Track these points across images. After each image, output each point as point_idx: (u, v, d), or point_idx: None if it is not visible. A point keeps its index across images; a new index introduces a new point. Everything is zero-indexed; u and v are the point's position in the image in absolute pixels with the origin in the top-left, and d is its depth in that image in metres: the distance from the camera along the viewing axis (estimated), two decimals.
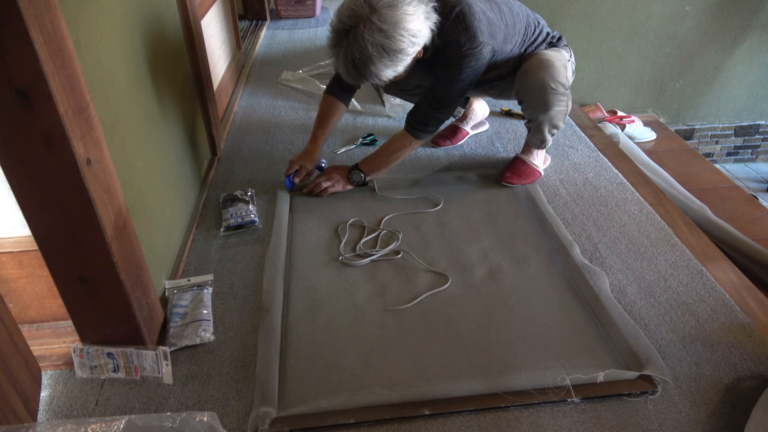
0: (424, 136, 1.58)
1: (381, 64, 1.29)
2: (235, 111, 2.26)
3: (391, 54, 1.28)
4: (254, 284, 1.34)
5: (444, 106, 1.52)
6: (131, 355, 1.09)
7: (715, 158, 3.55)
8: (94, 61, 1.00)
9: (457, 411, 1.02)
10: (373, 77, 1.32)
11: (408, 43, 1.28)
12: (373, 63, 1.28)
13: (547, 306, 1.26)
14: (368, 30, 1.24)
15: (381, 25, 1.24)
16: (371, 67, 1.29)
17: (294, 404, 1.03)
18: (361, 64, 1.29)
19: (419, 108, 1.55)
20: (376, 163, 1.65)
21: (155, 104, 1.34)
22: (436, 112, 1.53)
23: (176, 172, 1.48)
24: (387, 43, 1.26)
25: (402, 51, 1.29)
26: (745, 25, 3.04)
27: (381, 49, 1.26)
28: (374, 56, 1.27)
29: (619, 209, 1.62)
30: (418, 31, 1.29)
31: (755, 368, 1.11)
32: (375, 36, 1.24)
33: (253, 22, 3.42)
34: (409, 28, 1.27)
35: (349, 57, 1.28)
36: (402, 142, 1.60)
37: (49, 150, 0.85)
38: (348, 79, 1.36)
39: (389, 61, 1.29)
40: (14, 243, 1.10)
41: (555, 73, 1.49)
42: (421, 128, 1.56)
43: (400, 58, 1.30)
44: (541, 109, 1.55)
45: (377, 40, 1.25)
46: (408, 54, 1.31)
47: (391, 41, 1.26)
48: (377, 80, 1.34)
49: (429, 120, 1.54)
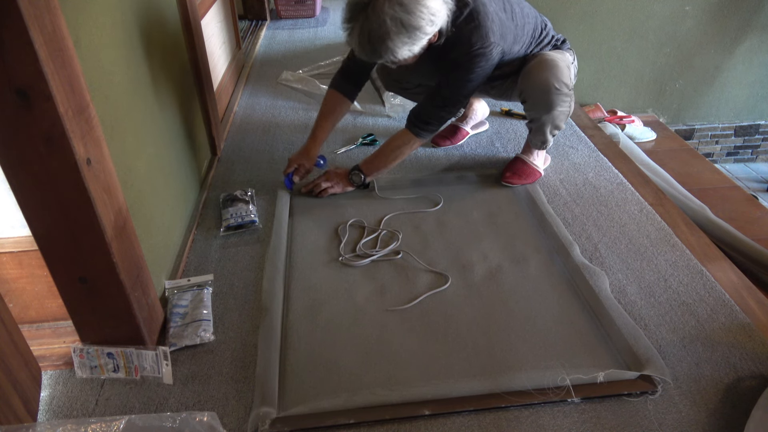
0: (425, 135, 1.57)
1: (398, 40, 1.26)
2: (235, 111, 2.26)
3: (410, 30, 1.25)
4: (254, 284, 1.34)
5: (449, 105, 1.51)
6: (131, 355, 1.09)
7: (715, 158, 3.55)
8: (94, 61, 1.00)
9: (457, 411, 1.02)
10: (389, 54, 1.28)
11: (427, 21, 1.26)
12: (390, 38, 1.25)
13: (547, 306, 1.26)
14: (388, 3, 1.21)
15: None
16: (388, 42, 1.25)
17: (294, 404, 1.03)
18: (378, 39, 1.25)
19: (423, 106, 1.54)
20: (376, 163, 1.64)
21: (155, 104, 1.34)
22: (440, 111, 1.52)
23: (176, 172, 1.48)
24: (406, 18, 1.23)
25: (420, 28, 1.26)
26: (745, 25, 3.04)
27: (400, 24, 1.23)
28: (392, 31, 1.23)
29: (619, 209, 1.62)
30: (437, 11, 1.27)
31: (755, 368, 1.11)
32: (395, 9, 1.22)
33: (253, 22, 3.42)
34: (429, 5, 1.24)
35: (365, 31, 1.25)
36: (402, 140, 1.59)
37: (49, 150, 0.85)
38: (362, 55, 1.32)
39: (406, 38, 1.26)
40: (14, 243, 1.10)
41: (559, 73, 1.49)
42: (423, 127, 1.54)
43: (417, 35, 1.27)
44: (545, 109, 1.54)
45: (397, 14, 1.22)
46: (426, 33, 1.28)
47: (411, 16, 1.23)
48: (392, 57, 1.30)
49: (432, 119, 1.53)
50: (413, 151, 1.65)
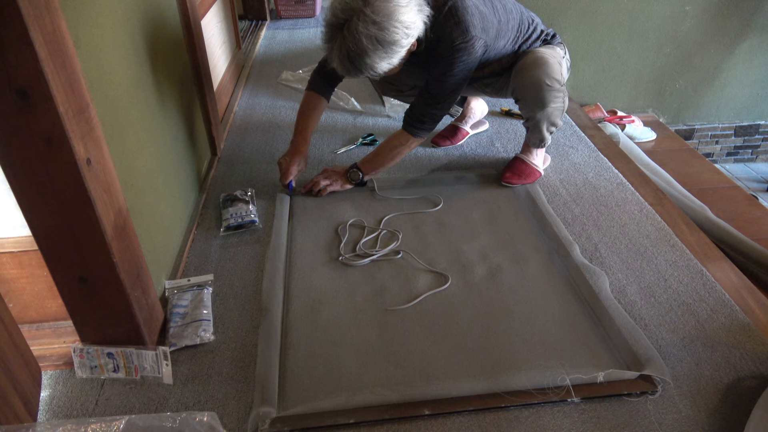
0: (421, 134, 1.58)
1: (376, 56, 1.30)
2: (235, 111, 2.26)
3: (386, 46, 1.29)
4: (254, 284, 1.34)
5: (438, 101, 1.52)
6: (131, 355, 1.09)
7: (715, 158, 3.55)
8: (94, 61, 1.00)
9: (457, 411, 1.02)
10: (368, 70, 1.33)
11: (402, 34, 1.29)
12: (368, 55, 1.29)
13: (547, 306, 1.26)
14: (362, 22, 1.25)
15: (374, 17, 1.25)
16: (366, 59, 1.30)
17: (294, 404, 1.03)
18: (356, 57, 1.29)
19: (415, 105, 1.56)
20: (374, 162, 1.65)
21: (155, 104, 1.34)
22: (431, 108, 1.53)
23: (176, 172, 1.48)
24: (381, 35, 1.27)
25: (396, 42, 1.30)
26: (745, 25, 3.04)
27: (375, 41, 1.27)
28: (369, 48, 1.28)
29: (619, 209, 1.62)
30: (412, 23, 1.31)
31: (755, 368, 1.11)
32: (369, 28, 1.25)
33: (253, 22, 3.42)
34: (402, 20, 1.28)
35: (344, 50, 1.29)
36: (399, 140, 1.61)
37: (49, 150, 0.85)
38: (343, 72, 1.36)
39: (384, 53, 1.30)
40: (14, 243, 1.10)
41: (549, 69, 1.50)
42: (417, 125, 1.56)
43: (394, 49, 1.31)
44: (538, 106, 1.55)
45: (371, 32, 1.26)
46: (402, 46, 1.32)
47: (385, 33, 1.27)
48: (372, 73, 1.34)
49: (424, 117, 1.54)
50: (411, 150, 1.66)
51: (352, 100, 2.24)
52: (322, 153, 1.93)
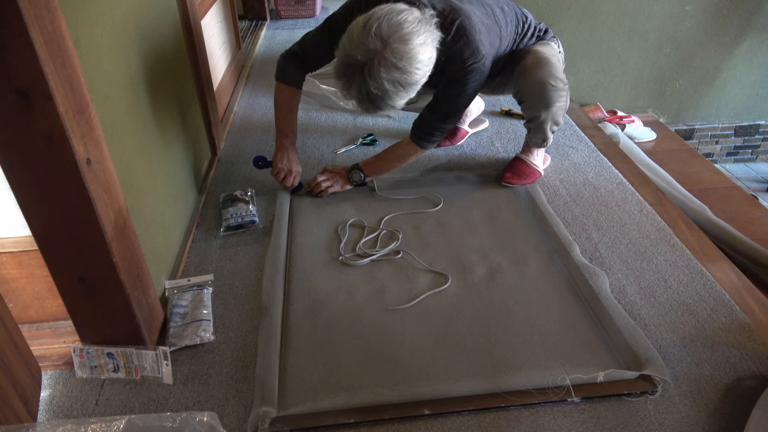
0: (429, 146, 1.60)
1: (397, 97, 1.29)
2: (235, 111, 2.26)
3: (407, 87, 1.27)
4: (254, 284, 1.34)
5: (450, 116, 1.54)
6: (131, 355, 1.09)
7: (715, 158, 3.56)
8: (94, 61, 1.00)
9: (457, 411, 1.02)
10: (388, 108, 1.32)
11: (422, 74, 1.28)
12: (389, 97, 1.27)
13: (547, 306, 1.26)
14: (384, 68, 1.22)
15: (396, 63, 1.22)
16: (387, 101, 1.28)
17: (294, 404, 1.03)
18: (378, 99, 1.28)
19: (425, 120, 1.56)
20: (378, 166, 1.66)
21: (155, 104, 1.34)
22: (442, 123, 1.55)
23: (176, 172, 1.48)
24: (403, 78, 1.24)
25: (417, 83, 1.28)
26: (745, 25, 3.04)
27: (398, 84, 1.25)
28: (390, 91, 1.26)
29: (619, 209, 1.62)
30: (429, 59, 1.29)
31: (755, 368, 1.11)
32: (391, 73, 1.22)
33: (253, 22, 3.42)
34: (421, 59, 1.25)
35: (363, 92, 1.26)
36: (407, 150, 1.62)
37: (49, 150, 0.85)
38: (362, 109, 1.35)
39: (404, 93, 1.29)
40: (14, 243, 1.10)
41: (552, 69, 1.50)
42: (427, 138, 1.57)
43: (414, 88, 1.30)
44: (543, 107, 1.55)
45: (393, 77, 1.23)
46: (419, 84, 1.31)
47: (407, 76, 1.25)
48: (391, 109, 1.34)
49: (435, 131, 1.56)
50: (416, 159, 1.67)
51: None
52: (322, 153, 1.93)
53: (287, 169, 1.63)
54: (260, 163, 1.69)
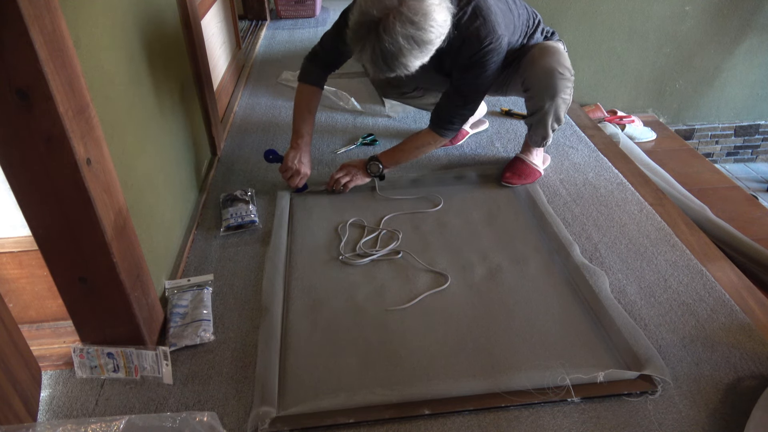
0: (449, 134, 1.60)
1: (411, 56, 1.28)
2: (235, 111, 2.26)
3: (422, 45, 1.27)
4: (254, 284, 1.34)
5: (470, 102, 1.54)
6: (131, 355, 1.09)
7: (715, 158, 3.55)
8: (94, 61, 1.00)
9: (457, 411, 1.02)
10: (402, 69, 1.31)
11: (437, 34, 1.28)
12: (403, 55, 1.27)
13: (547, 306, 1.26)
14: (399, 22, 1.22)
15: (412, 17, 1.22)
16: (401, 59, 1.28)
17: (294, 404, 1.03)
18: (391, 57, 1.27)
19: (445, 107, 1.56)
20: (397, 157, 1.66)
21: (155, 104, 1.34)
22: (462, 109, 1.55)
23: (176, 172, 1.48)
24: (418, 34, 1.25)
25: (431, 42, 1.28)
26: (745, 25, 3.04)
27: (412, 41, 1.25)
28: (405, 48, 1.25)
29: (619, 209, 1.62)
30: (444, 22, 1.29)
31: (755, 368, 1.11)
32: (407, 28, 1.23)
33: (253, 22, 3.42)
34: (437, 19, 1.26)
35: (377, 50, 1.26)
36: (426, 139, 1.62)
37: (49, 150, 0.85)
38: (375, 72, 1.34)
39: (419, 53, 1.28)
40: (14, 243, 1.10)
41: (561, 58, 1.51)
42: (447, 126, 1.57)
43: (428, 49, 1.30)
44: (548, 95, 1.54)
45: (409, 32, 1.24)
46: (435, 45, 1.31)
47: (423, 32, 1.25)
48: (405, 71, 1.32)
49: (455, 118, 1.56)
50: (435, 149, 1.67)
51: (352, 100, 2.24)
52: (322, 153, 1.93)
53: (296, 169, 1.62)
54: (271, 157, 1.68)
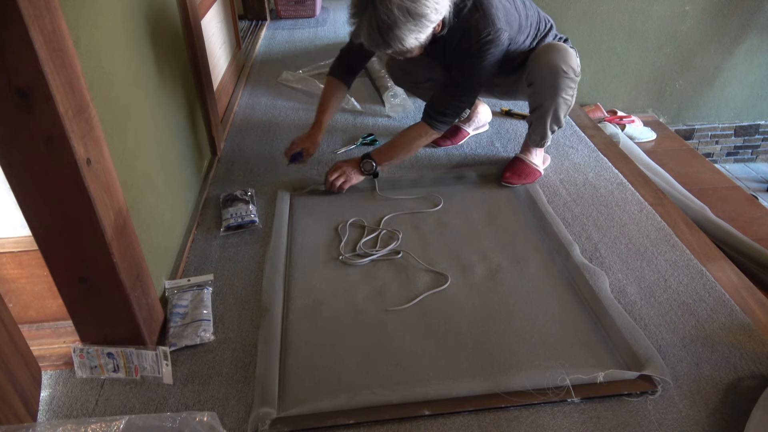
0: (441, 127, 1.59)
1: (405, 29, 1.31)
2: (235, 111, 2.26)
3: (416, 18, 1.30)
4: (254, 284, 1.34)
5: (464, 94, 1.54)
6: (131, 355, 1.09)
7: (715, 158, 3.55)
8: (94, 61, 1.00)
9: (457, 411, 1.02)
10: (396, 43, 1.34)
11: (432, 9, 1.31)
12: (398, 27, 1.30)
13: (547, 306, 1.26)
14: None
15: None
16: (396, 31, 1.31)
17: (294, 404, 1.03)
18: (386, 29, 1.30)
19: (438, 98, 1.57)
20: (389, 153, 1.64)
21: (155, 104, 1.34)
22: (455, 101, 1.55)
23: (176, 172, 1.48)
24: (413, 6, 1.28)
25: (425, 16, 1.31)
26: (745, 25, 3.04)
27: (406, 13, 1.28)
28: (399, 20, 1.29)
29: (619, 209, 1.62)
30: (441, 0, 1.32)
31: (755, 368, 1.11)
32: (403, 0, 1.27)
33: (253, 22, 3.42)
34: None
35: (373, 21, 1.30)
36: (417, 131, 1.61)
37: (49, 150, 0.85)
38: (370, 45, 1.37)
39: (413, 26, 1.31)
40: (14, 243, 1.10)
41: (567, 57, 1.51)
42: (439, 118, 1.57)
43: (423, 23, 1.32)
44: (550, 92, 1.54)
45: (404, 3, 1.27)
46: (431, 21, 1.33)
47: (417, 5, 1.29)
48: (400, 46, 1.35)
49: (447, 109, 1.55)
50: (428, 143, 1.66)
51: (352, 100, 2.24)
52: (322, 153, 1.93)
53: (299, 143, 1.67)
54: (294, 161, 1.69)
